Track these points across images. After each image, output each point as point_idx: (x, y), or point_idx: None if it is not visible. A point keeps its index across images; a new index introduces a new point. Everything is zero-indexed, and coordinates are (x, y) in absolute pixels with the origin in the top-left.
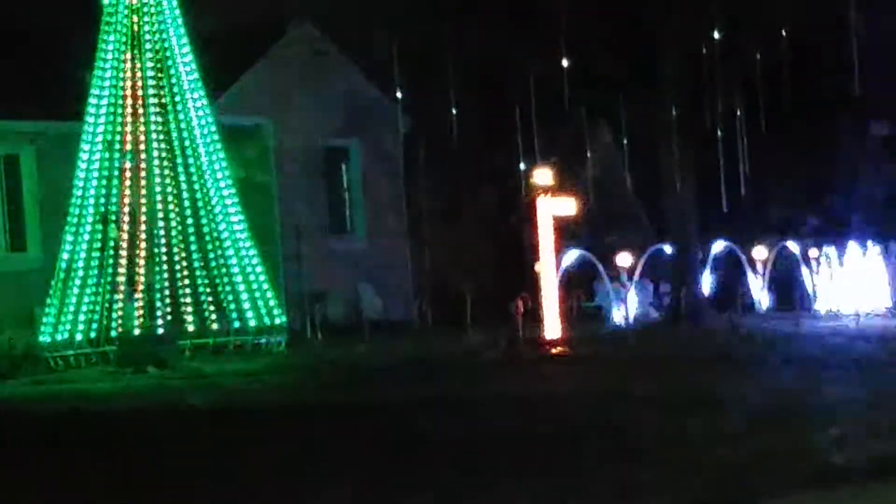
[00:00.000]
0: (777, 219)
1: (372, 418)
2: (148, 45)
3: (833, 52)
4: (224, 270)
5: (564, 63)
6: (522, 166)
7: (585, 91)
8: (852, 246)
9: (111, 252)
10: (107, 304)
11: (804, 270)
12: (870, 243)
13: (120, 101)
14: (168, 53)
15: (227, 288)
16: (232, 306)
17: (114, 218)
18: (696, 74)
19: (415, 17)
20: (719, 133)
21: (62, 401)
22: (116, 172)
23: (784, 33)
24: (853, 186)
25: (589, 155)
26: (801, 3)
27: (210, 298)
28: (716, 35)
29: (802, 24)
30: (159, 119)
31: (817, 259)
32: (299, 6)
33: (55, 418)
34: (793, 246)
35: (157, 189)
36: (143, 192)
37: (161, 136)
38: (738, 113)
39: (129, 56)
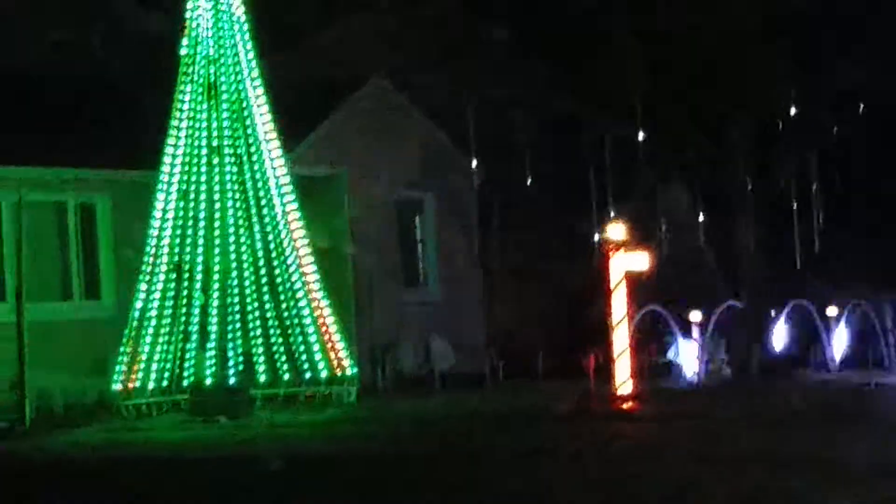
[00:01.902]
0: (853, 279)
1: (435, 469)
2: (224, 95)
3: None
4: (296, 321)
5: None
6: (596, 221)
7: (660, 147)
8: None
9: (184, 301)
10: (179, 354)
11: (879, 329)
12: None
13: (196, 151)
14: (244, 103)
15: (300, 338)
16: (304, 357)
17: (187, 268)
18: (773, 132)
19: (491, 69)
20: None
21: (131, 449)
22: (191, 222)
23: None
24: None
25: (662, 212)
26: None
27: (282, 349)
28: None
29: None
30: (234, 169)
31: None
32: (376, 58)
33: (121, 465)
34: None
35: (231, 239)
36: (218, 241)
37: (236, 186)
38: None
39: (205, 106)
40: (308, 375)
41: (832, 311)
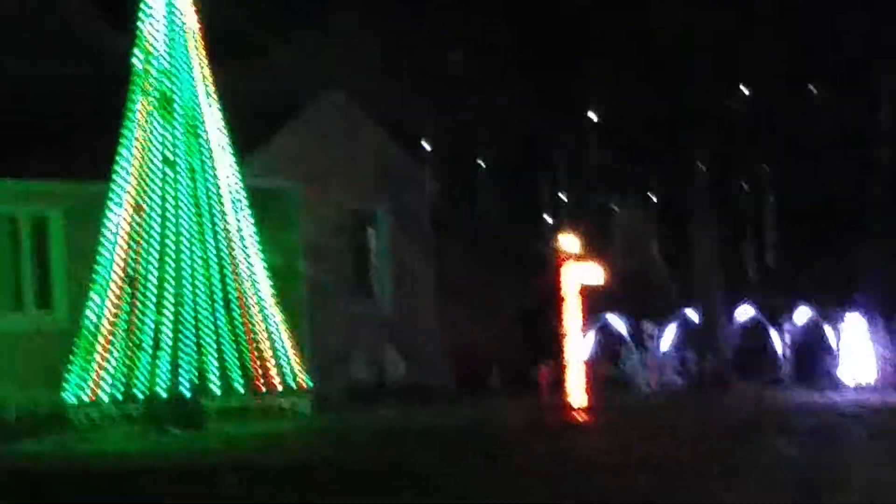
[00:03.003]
0: (806, 294)
1: (390, 481)
2: (178, 108)
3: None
4: (250, 333)
5: (594, 133)
6: (549, 233)
7: (614, 159)
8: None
9: (138, 313)
10: (132, 365)
11: (830, 341)
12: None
13: (149, 164)
14: (198, 116)
15: (253, 350)
16: (257, 369)
17: (141, 280)
18: (729, 149)
19: (443, 85)
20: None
21: (84, 460)
22: (144, 235)
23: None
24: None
25: (616, 224)
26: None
27: (235, 361)
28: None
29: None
30: (188, 182)
31: (845, 333)
32: (329, 72)
33: (73, 477)
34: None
35: (185, 251)
36: (171, 254)
37: (189, 199)
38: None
39: (158, 118)
40: (261, 387)
41: (786, 325)
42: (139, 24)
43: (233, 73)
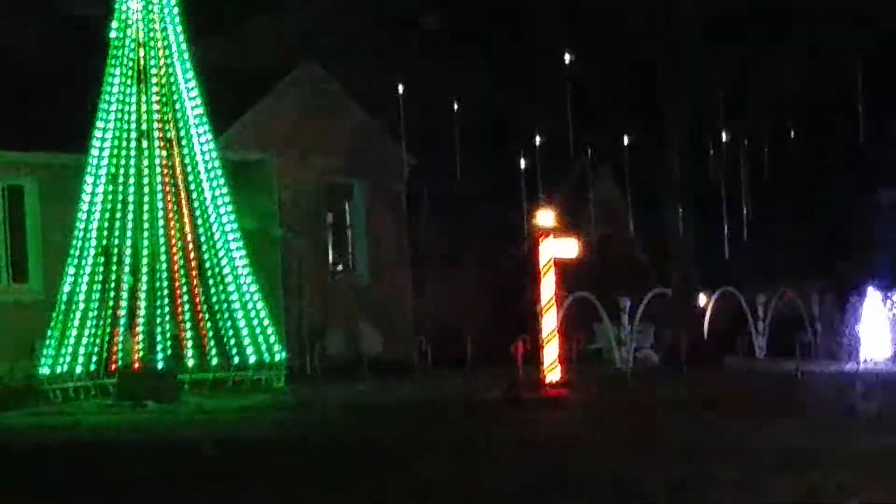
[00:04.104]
0: (781, 267)
1: (365, 456)
2: (154, 79)
3: (842, 118)
4: (225, 306)
5: (570, 110)
6: (525, 208)
7: (590, 136)
8: (869, 291)
9: (112, 285)
10: (107, 338)
11: (805, 316)
12: (870, 289)
13: (125, 135)
14: (174, 87)
15: (228, 323)
16: (232, 342)
17: (116, 251)
18: (704, 124)
19: (421, 60)
20: (724, 182)
21: (59, 433)
22: (120, 206)
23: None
24: (859, 244)
25: (592, 199)
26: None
27: (211, 333)
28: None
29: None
30: (163, 153)
31: (819, 305)
32: (306, 44)
33: (48, 450)
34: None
35: (160, 223)
36: (146, 225)
37: (165, 170)
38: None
39: (134, 89)
40: (236, 360)
41: (760, 298)
42: None
43: (210, 44)
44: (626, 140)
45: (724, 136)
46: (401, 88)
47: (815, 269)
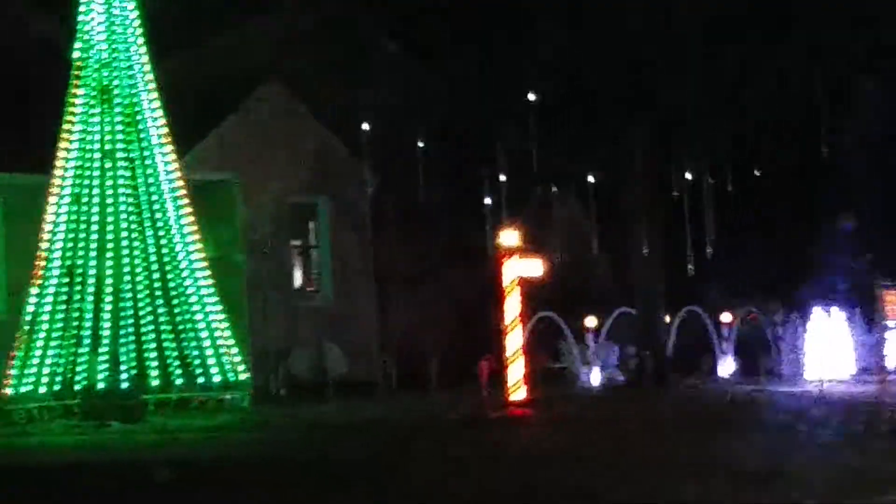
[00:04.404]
0: (745, 287)
1: (330, 476)
2: (117, 100)
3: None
4: (189, 326)
5: (535, 129)
6: (490, 227)
7: (556, 156)
8: (817, 311)
9: (76, 306)
10: (71, 358)
11: (769, 335)
12: (834, 309)
13: (88, 156)
14: (137, 108)
15: (192, 343)
16: (196, 362)
17: (80, 272)
18: (669, 143)
19: (386, 78)
20: (688, 203)
21: (23, 454)
22: (84, 226)
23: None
24: (822, 261)
25: (556, 218)
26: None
27: (175, 353)
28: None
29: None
30: (127, 174)
31: (783, 325)
32: (269, 64)
33: (12, 471)
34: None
35: (124, 243)
36: (110, 245)
37: (129, 191)
38: (708, 181)
39: (98, 110)
40: (201, 381)
41: (726, 317)
42: (79, 16)
43: (173, 64)
44: (591, 159)
45: (688, 155)
46: (365, 107)
47: (780, 290)
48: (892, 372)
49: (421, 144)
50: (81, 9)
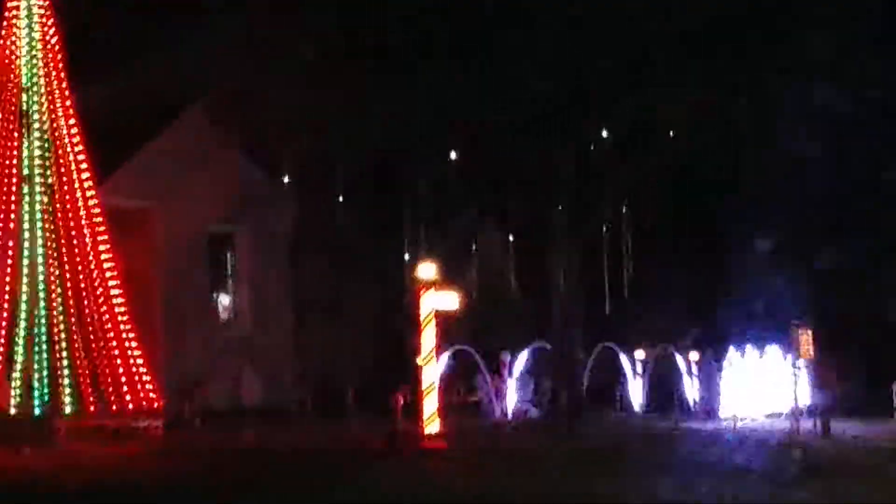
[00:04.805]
0: (659, 324)
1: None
2: (36, 124)
3: (720, 169)
4: (104, 353)
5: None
6: (408, 260)
7: (476, 191)
8: (731, 351)
9: None
10: None
11: (683, 373)
12: (748, 347)
13: (6, 180)
14: (56, 133)
15: (107, 370)
16: (110, 389)
17: None
18: (587, 180)
19: (305, 109)
20: (606, 239)
21: None
22: None
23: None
24: (735, 299)
25: (475, 252)
26: (691, 122)
27: (89, 380)
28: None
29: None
30: (45, 199)
31: (697, 363)
32: (190, 92)
33: None
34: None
35: (40, 269)
36: (26, 271)
37: (46, 216)
38: (624, 222)
39: (16, 134)
40: (114, 407)
41: (639, 354)
42: None
43: (93, 91)
44: (514, 193)
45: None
46: (287, 136)
47: (694, 323)
48: (803, 411)
49: (345, 172)
50: (2, 33)
